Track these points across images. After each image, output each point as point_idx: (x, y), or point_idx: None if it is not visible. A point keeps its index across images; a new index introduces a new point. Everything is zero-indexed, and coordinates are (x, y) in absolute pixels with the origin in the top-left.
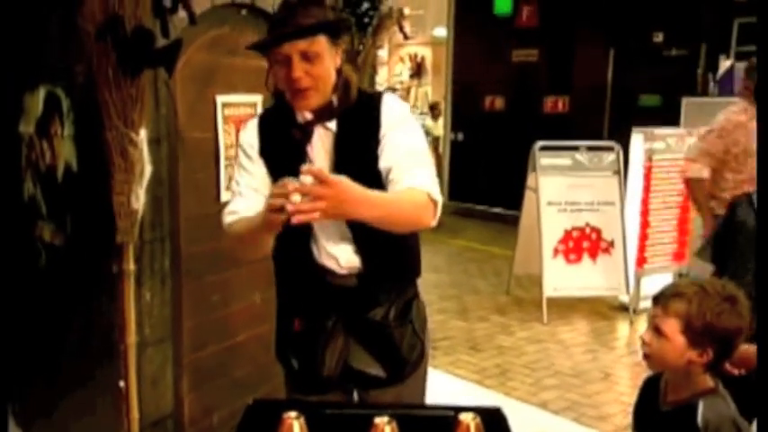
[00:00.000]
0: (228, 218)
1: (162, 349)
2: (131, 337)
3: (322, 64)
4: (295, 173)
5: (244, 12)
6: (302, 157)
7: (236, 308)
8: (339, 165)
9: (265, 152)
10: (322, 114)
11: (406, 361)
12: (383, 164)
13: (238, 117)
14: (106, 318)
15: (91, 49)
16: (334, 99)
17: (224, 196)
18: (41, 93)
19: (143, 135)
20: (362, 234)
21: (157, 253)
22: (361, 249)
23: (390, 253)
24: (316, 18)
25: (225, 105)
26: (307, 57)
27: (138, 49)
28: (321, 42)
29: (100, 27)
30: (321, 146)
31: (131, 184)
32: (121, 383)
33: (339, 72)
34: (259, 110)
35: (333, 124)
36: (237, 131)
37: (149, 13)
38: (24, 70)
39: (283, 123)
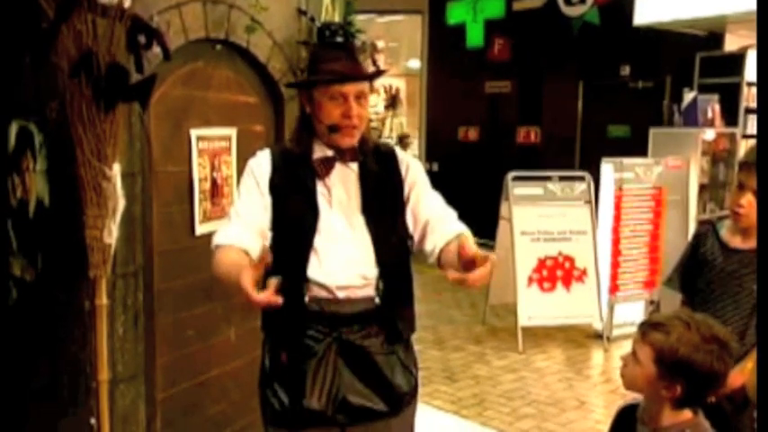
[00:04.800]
0: (220, 238)
1: (134, 386)
2: (104, 374)
3: (367, 105)
4: (306, 198)
5: (218, 47)
6: (314, 186)
7: (210, 343)
8: (367, 199)
9: (276, 180)
10: (345, 154)
11: (401, 393)
12: (423, 212)
13: (213, 150)
14: (78, 353)
15: (64, 84)
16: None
17: (198, 230)
18: (13, 128)
19: (116, 170)
20: (372, 265)
21: (130, 288)
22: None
23: (392, 289)
24: (362, 64)
25: (199, 139)
26: (359, 98)
27: (112, 84)
28: (368, 85)
29: (74, 63)
30: (340, 181)
31: (104, 218)
32: (92, 421)
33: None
34: (234, 143)
35: (354, 165)
36: (212, 165)
37: (124, 49)
38: None
39: (299, 156)
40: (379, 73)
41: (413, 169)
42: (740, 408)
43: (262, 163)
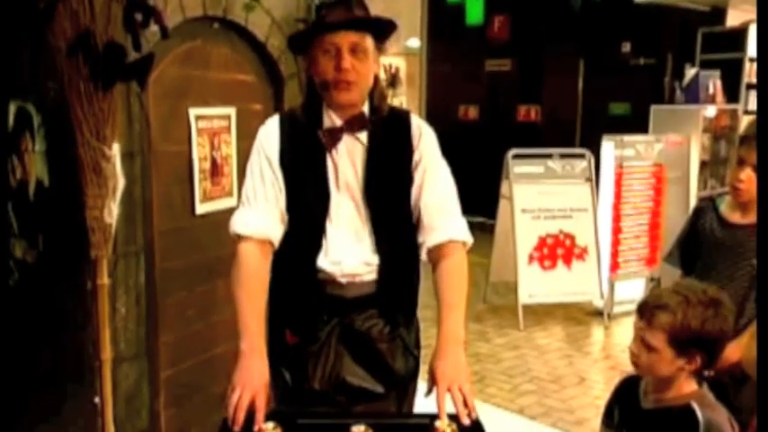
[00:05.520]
0: (240, 227)
1: (137, 365)
2: (106, 353)
3: (367, 62)
4: (316, 180)
5: (216, 25)
6: (324, 164)
7: (213, 322)
8: (371, 179)
9: (285, 156)
10: (353, 123)
11: (400, 376)
12: (422, 197)
13: (212, 130)
14: (80, 333)
15: (62, 64)
16: (366, 109)
17: (199, 209)
18: (12, 108)
19: (116, 149)
20: (377, 249)
21: (132, 268)
22: (379, 261)
23: (397, 274)
24: (368, 15)
25: (198, 118)
26: (354, 51)
27: (110, 63)
28: (369, 41)
29: (71, 42)
30: (348, 156)
31: (104, 198)
32: (96, 400)
33: (376, 80)
34: (233, 122)
35: (363, 136)
36: (211, 144)
37: (121, 28)
38: None
39: (308, 127)
40: (375, 20)
41: (424, 139)
42: (739, 381)
43: (271, 132)
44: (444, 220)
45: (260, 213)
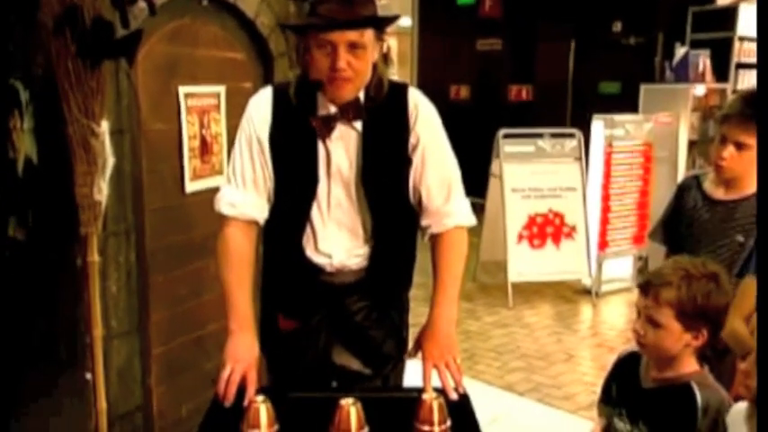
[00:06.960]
0: (226, 207)
1: (129, 341)
2: (97, 330)
3: (365, 57)
4: (307, 165)
5: (204, 2)
6: (315, 150)
7: (204, 299)
8: (366, 168)
9: (275, 137)
10: (348, 110)
11: (388, 357)
12: (423, 182)
13: (201, 108)
14: (72, 310)
15: (49, 40)
16: (362, 95)
17: (188, 188)
18: None
19: (105, 127)
20: (370, 238)
21: (122, 245)
22: (367, 253)
23: (390, 262)
24: (371, 10)
25: (187, 96)
26: (353, 48)
27: (98, 40)
28: (369, 35)
29: (58, 19)
30: (342, 144)
31: (94, 175)
32: (88, 376)
33: (374, 67)
34: (222, 100)
35: (358, 123)
36: (201, 122)
37: (108, 4)
38: None
39: (303, 110)
40: (376, 19)
41: (421, 119)
42: (721, 354)
43: (262, 107)
44: (449, 205)
45: (247, 195)
